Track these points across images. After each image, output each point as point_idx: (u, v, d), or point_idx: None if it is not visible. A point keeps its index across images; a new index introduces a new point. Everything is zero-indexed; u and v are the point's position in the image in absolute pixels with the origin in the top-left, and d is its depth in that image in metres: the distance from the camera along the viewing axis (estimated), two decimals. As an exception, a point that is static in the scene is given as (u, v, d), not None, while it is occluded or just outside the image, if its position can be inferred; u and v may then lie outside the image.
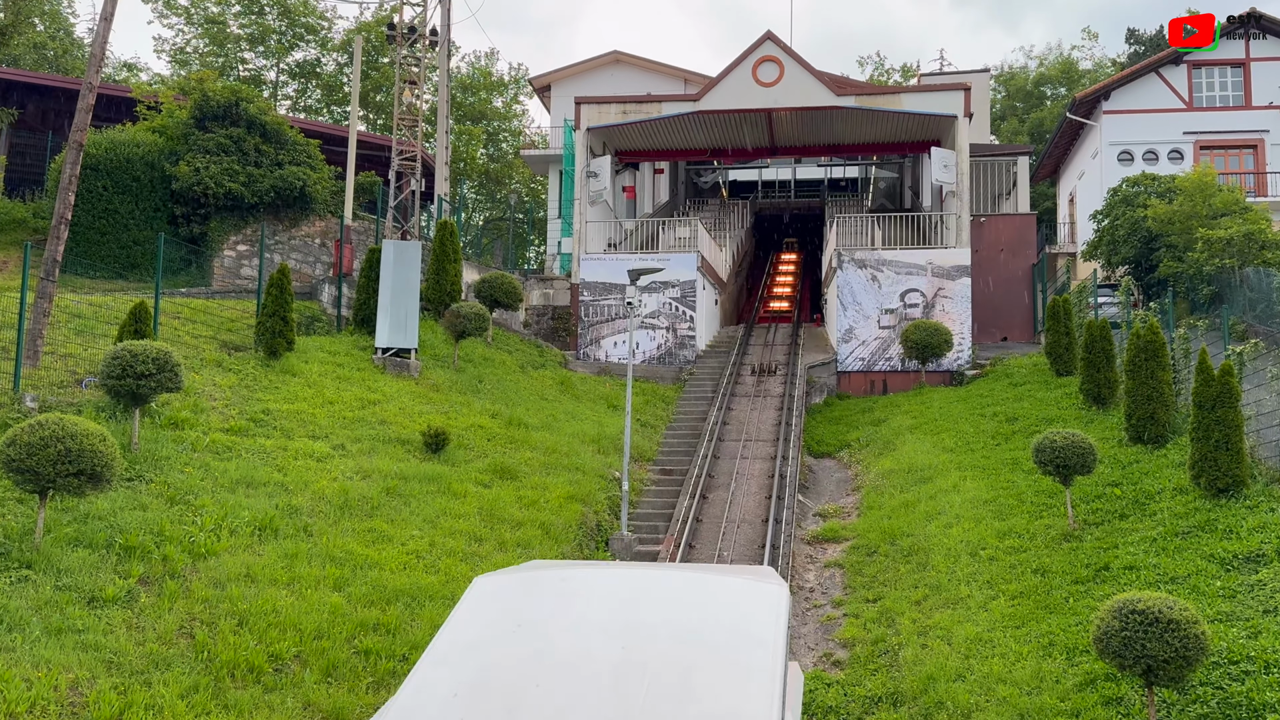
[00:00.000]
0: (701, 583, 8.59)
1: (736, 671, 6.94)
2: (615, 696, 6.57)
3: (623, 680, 6.77)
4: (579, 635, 7.41)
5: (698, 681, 6.80)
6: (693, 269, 29.86)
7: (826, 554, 16.30)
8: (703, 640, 7.32)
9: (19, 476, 10.92)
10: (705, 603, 7.95)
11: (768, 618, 7.59)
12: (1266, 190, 34.72)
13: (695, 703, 6.55)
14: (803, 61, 31.28)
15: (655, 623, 7.57)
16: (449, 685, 6.89)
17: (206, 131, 26.05)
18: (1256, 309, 21.08)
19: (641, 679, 6.77)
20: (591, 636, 7.38)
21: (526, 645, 7.28)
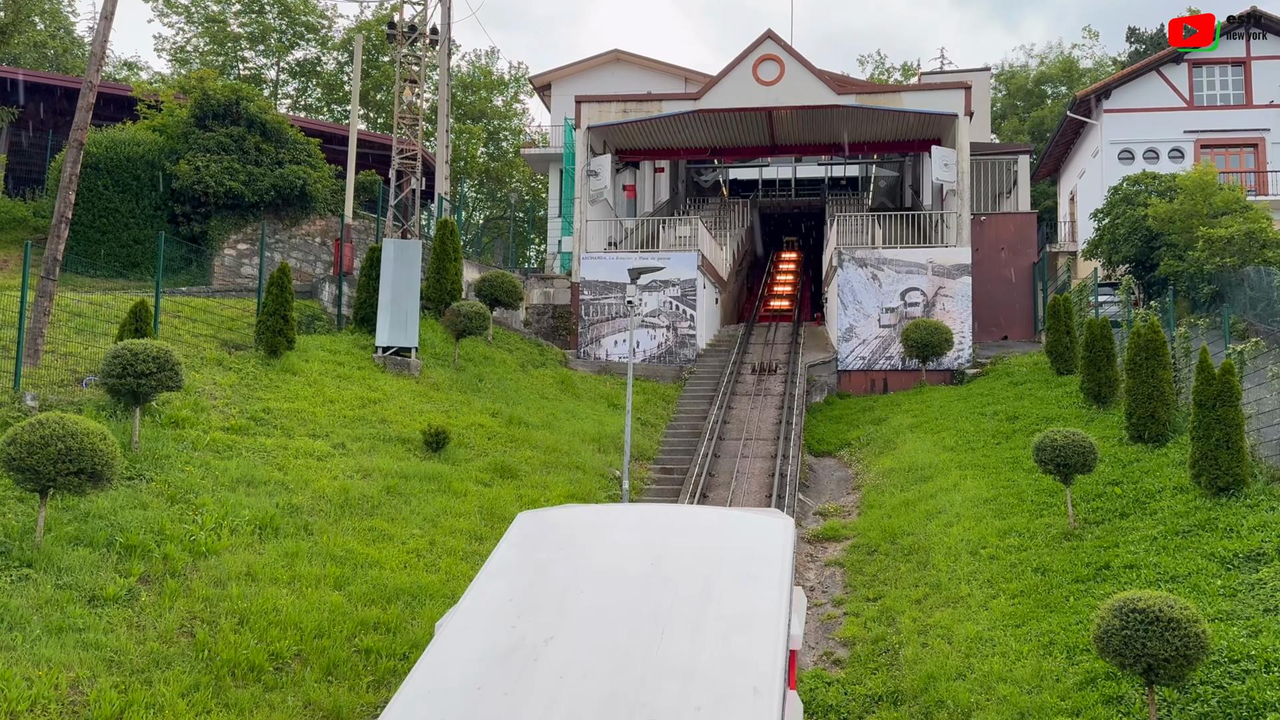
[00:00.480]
0: (718, 515, 10.41)
1: (749, 582, 8.13)
2: (647, 600, 7.80)
3: (653, 588, 8.00)
4: (614, 554, 8.66)
5: (716, 589, 7.98)
6: (693, 268, 29.86)
7: (827, 553, 16.30)
8: (720, 559, 8.55)
9: (20, 475, 10.93)
10: (722, 531, 9.31)
11: (776, 542, 8.82)
12: (1267, 189, 34.71)
13: (715, 605, 7.75)
14: (803, 60, 31.28)
15: (679, 545, 8.86)
16: (505, 592, 8.04)
17: (207, 130, 26.05)
18: (1257, 308, 21.07)
19: (668, 587, 7.97)
20: (624, 555, 8.63)
21: (569, 561, 8.47)
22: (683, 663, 7.05)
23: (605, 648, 7.27)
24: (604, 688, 6.77)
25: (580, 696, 6.66)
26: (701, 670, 7.00)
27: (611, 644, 7.31)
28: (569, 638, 7.36)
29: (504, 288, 25.88)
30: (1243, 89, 36.10)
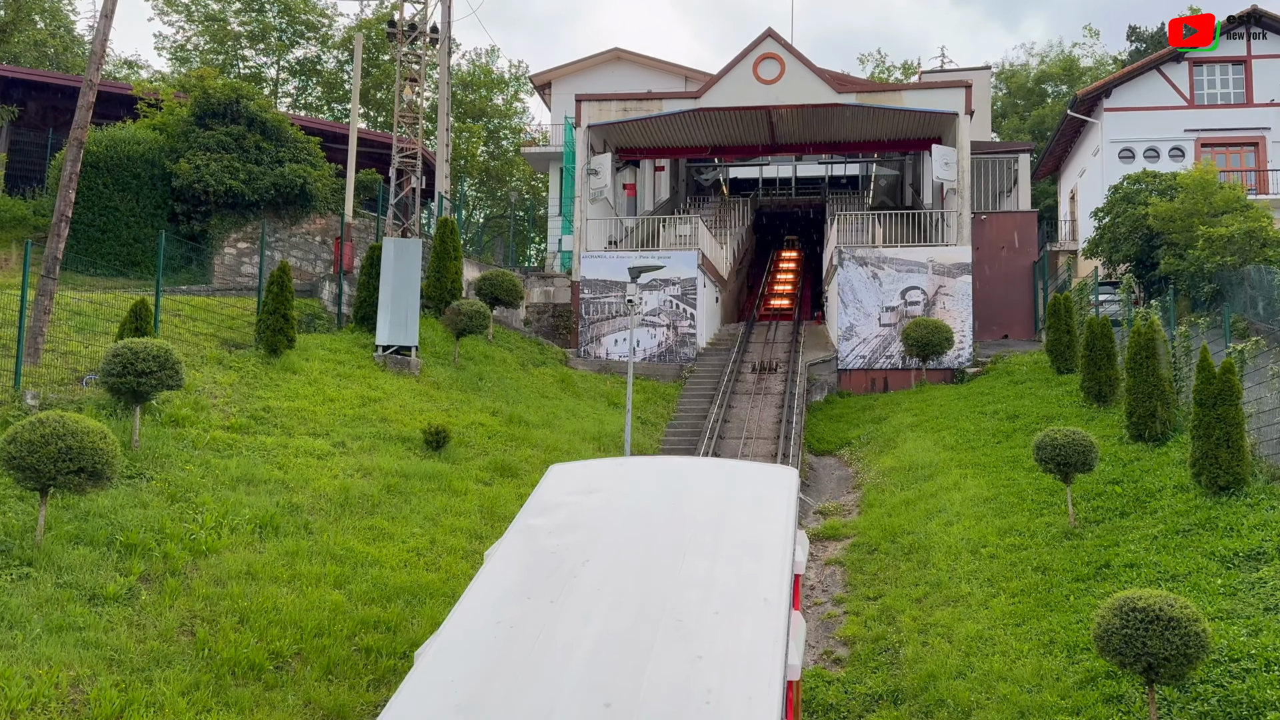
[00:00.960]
0: (732, 464, 12.11)
1: (759, 517, 9.25)
2: (669, 530, 8.96)
3: (674, 521, 9.16)
4: (639, 494, 9.84)
5: (730, 523, 9.11)
6: (693, 266, 29.86)
7: (827, 551, 16.30)
8: (733, 499, 9.65)
9: (20, 474, 10.92)
10: (734, 477, 10.59)
11: (782, 487, 10.01)
12: (1267, 188, 34.70)
13: (729, 535, 8.87)
14: (803, 59, 31.26)
15: (697, 487, 10.07)
16: (545, 525, 9.11)
17: (207, 129, 26.04)
18: (1257, 306, 21.08)
19: (688, 520, 9.13)
20: (649, 494, 9.84)
21: (600, 500, 9.60)
22: (702, 579, 8.08)
23: (635, 568, 8.37)
24: (635, 597, 7.86)
25: (615, 604, 7.75)
26: (719, 585, 8.01)
27: (640, 565, 8.41)
28: (603, 560, 8.43)
29: (504, 286, 25.88)
30: (1243, 88, 36.09)
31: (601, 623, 7.49)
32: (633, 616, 7.56)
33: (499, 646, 7.24)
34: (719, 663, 7.04)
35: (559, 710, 6.52)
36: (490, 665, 7.03)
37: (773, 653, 7.14)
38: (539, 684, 6.80)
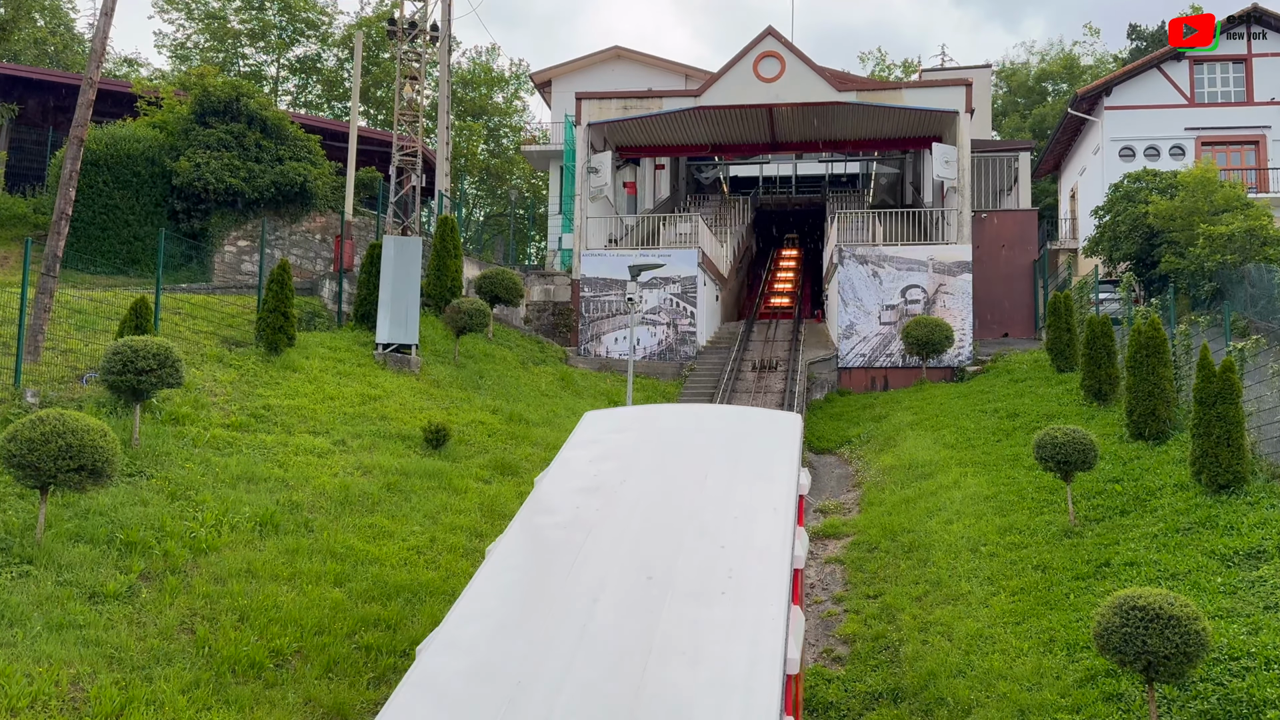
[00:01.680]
0: (744, 410, 14.60)
1: (768, 450, 10.85)
2: (692, 459, 10.51)
3: (695, 452, 10.70)
4: (664, 433, 11.44)
5: (745, 453, 10.72)
6: (694, 265, 29.85)
7: (827, 550, 16.30)
8: (748, 435, 11.39)
9: (20, 472, 10.92)
10: (746, 418, 12.75)
11: (790, 428, 11.59)
12: (1268, 186, 34.69)
13: (744, 462, 10.45)
14: (804, 57, 31.24)
15: (716, 425, 11.80)
16: (586, 455, 10.70)
17: (207, 127, 26.03)
18: (1258, 305, 21.06)
19: (709, 451, 10.69)
20: (672, 432, 11.50)
21: (630, 438, 11.22)
22: (721, 495, 9.70)
23: (666, 486, 9.94)
24: (666, 507, 9.46)
25: (649, 514, 9.32)
26: (737, 499, 9.59)
27: (668, 485, 9.99)
28: (637, 481, 10.01)
29: (504, 285, 25.87)
30: (1244, 86, 36.08)
31: (639, 524, 9.13)
32: (665, 518, 9.23)
33: (560, 540, 8.98)
34: (739, 551, 8.60)
35: (610, 584, 8.14)
36: (554, 551, 8.85)
37: (781, 546, 8.67)
38: (596, 559, 8.51)
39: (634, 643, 7.31)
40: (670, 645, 7.26)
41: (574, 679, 6.86)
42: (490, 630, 7.52)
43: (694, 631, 7.44)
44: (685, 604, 7.77)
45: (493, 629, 7.54)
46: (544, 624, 7.53)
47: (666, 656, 7.14)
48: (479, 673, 7.00)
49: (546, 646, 7.25)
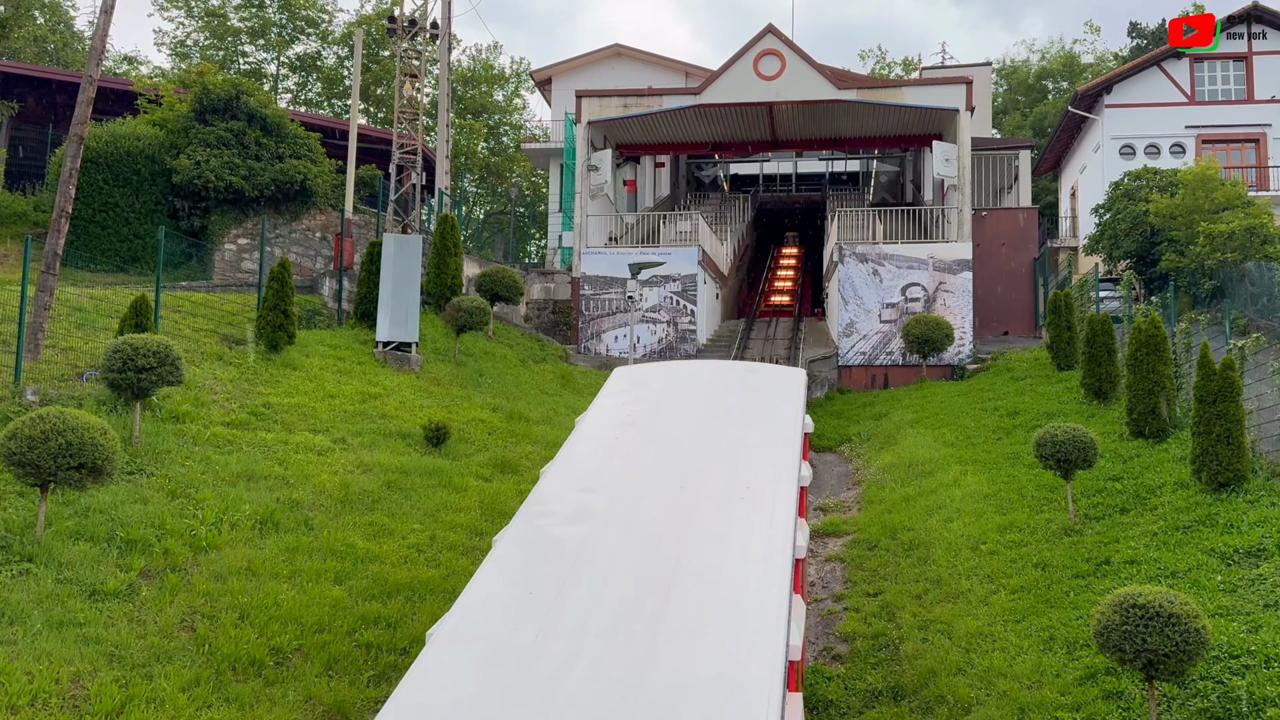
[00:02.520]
0: (756, 365, 17.13)
1: (779, 397, 12.46)
2: (713, 402, 12.23)
3: (714, 397, 12.47)
4: (686, 381, 13.40)
5: (756, 399, 12.39)
6: (694, 263, 29.84)
7: (827, 548, 16.30)
8: (759, 385, 13.11)
9: (20, 470, 10.92)
10: (760, 372, 14.48)
11: (796, 380, 13.23)
12: (1268, 184, 34.67)
13: (757, 407, 12.12)
14: (804, 55, 31.23)
15: (730, 378, 13.76)
16: (619, 400, 12.43)
17: (207, 125, 26.02)
18: (1258, 303, 21.04)
19: (726, 397, 12.42)
20: (694, 381, 13.39)
21: (657, 387, 13.02)
22: (739, 429, 11.41)
23: (690, 421, 11.62)
24: (692, 438, 11.09)
25: (678, 442, 10.98)
26: (751, 433, 11.30)
27: (693, 420, 11.67)
28: (665, 418, 11.73)
29: (504, 283, 25.86)
30: (1244, 84, 36.06)
31: (670, 453, 10.72)
32: (690, 445, 10.87)
33: (603, 458, 10.84)
34: (754, 470, 10.20)
35: (649, 492, 9.86)
36: (599, 464, 10.71)
37: (789, 469, 10.37)
38: (635, 474, 10.32)
39: (672, 531, 9.03)
40: (701, 533, 9.00)
41: (625, 556, 8.66)
42: (561, 516, 9.58)
43: (720, 524, 9.11)
44: (711, 506, 9.49)
45: (562, 516, 9.59)
46: (598, 517, 9.38)
47: (698, 541, 8.87)
48: (553, 537, 9.09)
49: (603, 528, 9.17)
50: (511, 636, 7.37)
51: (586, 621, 7.53)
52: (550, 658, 7.09)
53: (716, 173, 47.08)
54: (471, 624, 7.69)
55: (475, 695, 6.83)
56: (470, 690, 6.90)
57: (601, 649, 7.19)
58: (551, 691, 6.73)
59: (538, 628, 7.44)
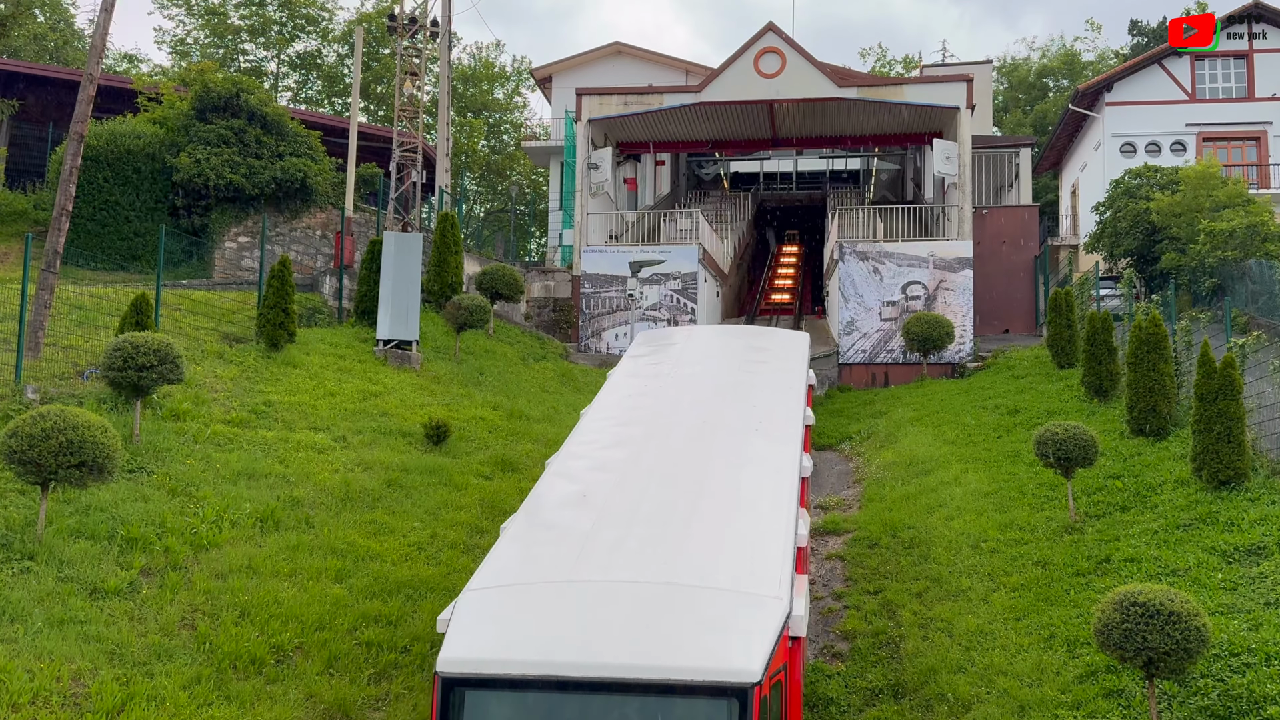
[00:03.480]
0: (765, 329, 19.98)
1: (785, 354, 14.65)
2: (729, 356, 14.64)
3: (730, 352, 14.83)
4: (705, 339, 16.09)
5: (767, 355, 14.59)
6: (694, 261, 29.83)
7: (828, 546, 16.30)
8: (768, 345, 15.44)
9: (20, 468, 10.92)
10: (768, 334, 16.91)
11: (801, 341, 15.72)
12: (1269, 182, 34.65)
13: (767, 361, 14.25)
14: (805, 53, 31.21)
15: (742, 341, 16.09)
16: (647, 352, 14.89)
17: (207, 123, 26.01)
18: (1259, 301, 21.05)
19: (740, 353, 14.84)
20: (711, 339, 16.05)
21: (679, 345, 15.42)
22: (751, 377, 13.38)
23: (710, 371, 13.86)
24: (712, 384, 13.27)
25: (700, 387, 13.09)
26: (762, 380, 13.42)
27: (712, 369, 14.01)
28: (689, 368, 13.87)
29: (505, 281, 25.85)
30: (1245, 82, 36.04)
31: (692, 396, 12.66)
32: (710, 390, 12.90)
33: (635, 400, 12.70)
34: (765, 410, 12.11)
35: (683, 413, 11.90)
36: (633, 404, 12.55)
37: (795, 410, 12.41)
38: (662, 411, 11.99)
39: (698, 453, 10.77)
40: (723, 456, 10.74)
41: (660, 470, 10.28)
42: (603, 444, 11.20)
43: (738, 449, 10.92)
44: (731, 436, 11.25)
45: (604, 443, 11.23)
46: (635, 443, 11.05)
47: (721, 461, 10.60)
48: (599, 459, 10.79)
49: (640, 450, 10.87)
50: (573, 525, 9.06)
51: (632, 515, 9.15)
52: (606, 538, 8.72)
53: (717, 171, 47.04)
54: (538, 517, 9.52)
55: (550, 557, 8.58)
56: (545, 555, 8.66)
57: (646, 532, 8.82)
58: (609, 558, 8.43)
59: (593, 520, 9.05)
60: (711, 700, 7.00)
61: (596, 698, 7.14)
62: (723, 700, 6.96)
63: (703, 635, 7.40)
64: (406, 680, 11.12)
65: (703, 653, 7.22)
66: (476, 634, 7.50)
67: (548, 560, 8.51)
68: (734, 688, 6.96)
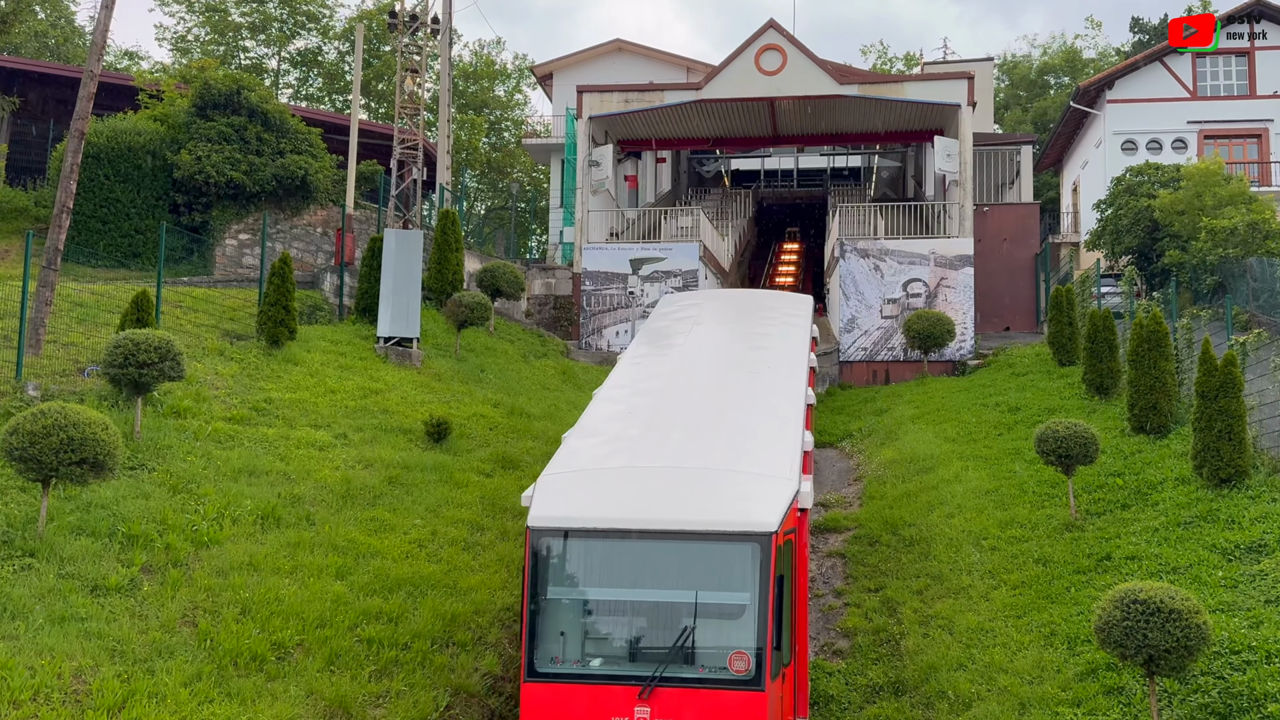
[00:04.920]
0: (773, 292, 28.45)
1: (792, 311, 17.16)
2: (743, 312, 17.24)
3: (744, 310, 17.52)
4: (722, 300, 19.06)
5: (775, 312, 17.14)
6: (695, 258, 29.82)
7: (828, 544, 16.30)
8: (777, 305, 18.17)
9: (22, 465, 10.92)
10: (777, 296, 20.53)
11: (805, 301, 18.31)
12: (1270, 180, 34.61)
13: (776, 316, 16.71)
14: (806, 50, 31.18)
15: (755, 299, 19.62)
16: (670, 314, 16.98)
17: (208, 120, 26.00)
18: (1260, 299, 21.03)
19: (752, 310, 17.44)
20: (728, 300, 19.38)
21: (699, 305, 17.70)
22: (762, 328, 15.88)
23: (728, 323, 16.53)
24: (730, 334, 15.86)
25: (719, 336, 15.75)
26: (772, 331, 15.69)
27: (730, 323, 16.60)
28: (709, 323, 16.27)
29: (505, 278, 25.83)
30: (1246, 79, 35.99)
31: (714, 341, 15.38)
32: (728, 338, 15.57)
33: (665, 345, 14.93)
34: (775, 354, 14.46)
35: (708, 354, 14.61)
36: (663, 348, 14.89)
37: (800, 355, 14.76)
38: (689, 353, 14.53)
39: (722, 384, 13.27)
40: (743, 386, 13.02)
41: (691, 396, 12.70)
42: (641, 376, 13.60)
43: (755, 381, 13.23)
44: (749, 370, 13.72)
45: (641, 376, 13.60)
46: (668, 376, 13.36)
47: (741, 390, 12.90)
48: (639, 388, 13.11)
49: (672, 382, 13.23)
50: (621, 433, 11.40)
51: (670, 425, 11.55)
52: (651, 439, 11.09)
53: (718, 168, 46.99)
54: (592, 428, 11.69)
55: (607, 452, 10.93)
56: (602, 451, 10.97)
57: (683, 436, 11.17)
58: (655, 452, 10.85)
59: (638, 429, 11.45)
60: (741, 544, 9.25)
61: (653, 544, 9.41)
62: (749, 545, 9.22)
63: (733, 500, 9.69)
64: (407, 677, 11.13)
65: (733, 511, 9.53)
66: (554, 502, 9.77)
67: (604, 454, 10.91)
68: (758, 534, 9.23)
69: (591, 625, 9.53)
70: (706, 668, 8.99)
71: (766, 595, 9.03)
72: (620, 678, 9.02)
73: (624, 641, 9.34)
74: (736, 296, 19.13)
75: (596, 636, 9.48)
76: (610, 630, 9.51)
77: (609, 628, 9.53)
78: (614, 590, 9.64)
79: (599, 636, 9.48)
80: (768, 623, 8.96)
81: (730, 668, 8.95)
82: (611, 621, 9.55)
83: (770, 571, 9.06)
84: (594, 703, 8.95)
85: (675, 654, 9.00)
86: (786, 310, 17.18)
